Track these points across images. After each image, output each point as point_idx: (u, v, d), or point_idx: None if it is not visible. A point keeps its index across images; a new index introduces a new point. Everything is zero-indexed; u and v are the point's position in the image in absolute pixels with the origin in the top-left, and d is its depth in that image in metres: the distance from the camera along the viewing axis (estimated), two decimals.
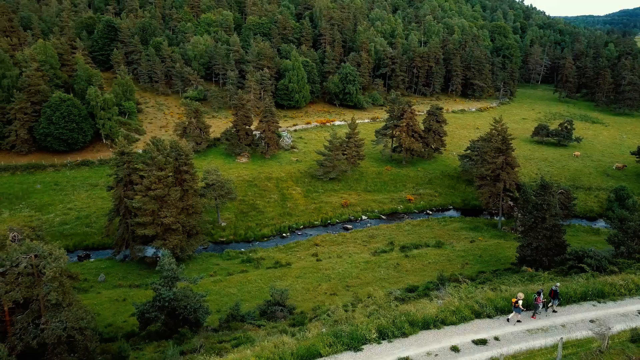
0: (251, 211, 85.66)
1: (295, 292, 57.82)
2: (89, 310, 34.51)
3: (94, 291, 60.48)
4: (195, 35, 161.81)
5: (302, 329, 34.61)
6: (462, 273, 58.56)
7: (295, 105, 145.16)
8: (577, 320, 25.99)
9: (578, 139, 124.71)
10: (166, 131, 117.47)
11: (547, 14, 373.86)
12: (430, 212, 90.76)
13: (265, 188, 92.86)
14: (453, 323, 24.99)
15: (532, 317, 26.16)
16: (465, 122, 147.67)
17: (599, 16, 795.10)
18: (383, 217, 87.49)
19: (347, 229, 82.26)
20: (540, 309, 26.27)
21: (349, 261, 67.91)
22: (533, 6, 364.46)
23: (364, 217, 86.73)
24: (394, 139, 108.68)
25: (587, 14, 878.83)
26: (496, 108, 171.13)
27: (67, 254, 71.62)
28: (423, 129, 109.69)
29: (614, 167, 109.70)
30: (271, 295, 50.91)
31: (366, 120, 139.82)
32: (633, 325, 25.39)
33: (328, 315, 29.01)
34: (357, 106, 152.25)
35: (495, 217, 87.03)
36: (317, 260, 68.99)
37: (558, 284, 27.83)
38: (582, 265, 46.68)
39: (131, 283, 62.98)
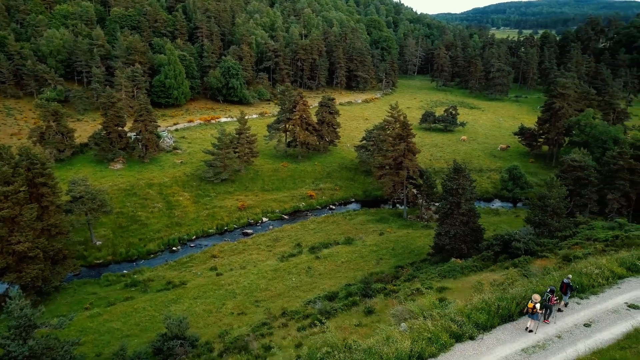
0: (132, 224, 73.42)
1: (195, 317, 48.37)
2: None
3: None
4: (49, 29, 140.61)
5: None
6: (383, 271, 53.42)
7: (175, 102, 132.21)
8: (569, 327, 20.84)
9: (462, 124, 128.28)
10: (19, 139, 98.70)
11: (414, 10, 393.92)
12: (334, 207, 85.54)
13: (146, 196, 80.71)
14: (432, 355, 18.38)
15: (545, 320, 20.90)
16: (354, 114, 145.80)
17: (455, 14, 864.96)
18: (285, 216, 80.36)
19: (247, 235, 73.76)
20: (554, 310, 21.28)
21: (254, 271, 59.66)
22: (401, 2, 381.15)
23: (264, 219, 78.83)
24: (288, 133, 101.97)
25: (445, 12, 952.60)
26: (381, 99, 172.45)
27: None
28: (316, 121, 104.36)
29: (498, 148, 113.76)
30: (166, 327, 41.13)
31: (254, 116, 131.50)
32: (634, 323, 20.94)
33: None
34: (242, 101, 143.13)
35: (399, 207, 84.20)
36: (218, 274, 59.74)
37: (570, 275, 22.80)
38: (512, 250, 43.72)
39: None
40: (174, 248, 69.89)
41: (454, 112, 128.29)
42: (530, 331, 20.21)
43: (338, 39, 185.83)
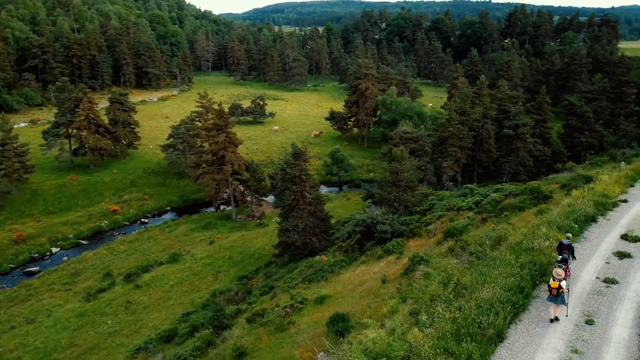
0: None
1: None
2: None
3: None
4: None
5: None
6: (230, 288, 43.10)
7: None
8: (572, 330, 14.30)
9: (272, 114, 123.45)
10: None
11: (198, 7, 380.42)
12: (146, 220, 71.17)
13: None
14: None
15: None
16: (151, 113, 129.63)
17: (237, 13, 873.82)
18: (84, 242, 63.30)
19: (31, 274, 55.25)
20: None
21: (49, 323, 43.42)
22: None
23: (54, 249, 60.67)
24: (73, 138, 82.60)
25: (227, 12, 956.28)
26: (179, 95, 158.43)
27: None
28: (108, 121, 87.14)
29: (312, 135, 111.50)
30: None
31: (22, 125, 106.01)
32: (632, 306, 15.51)
33: None
34: (4, 108, 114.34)
35: (226, 207, 74.05)
36: None
37: (569, 234, 18.35)
38: (378, 234, 37.84)
39: None
40: None
41: (261, 102, 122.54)
42: (552, 320, 14.48)
43: (120, 33, 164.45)
